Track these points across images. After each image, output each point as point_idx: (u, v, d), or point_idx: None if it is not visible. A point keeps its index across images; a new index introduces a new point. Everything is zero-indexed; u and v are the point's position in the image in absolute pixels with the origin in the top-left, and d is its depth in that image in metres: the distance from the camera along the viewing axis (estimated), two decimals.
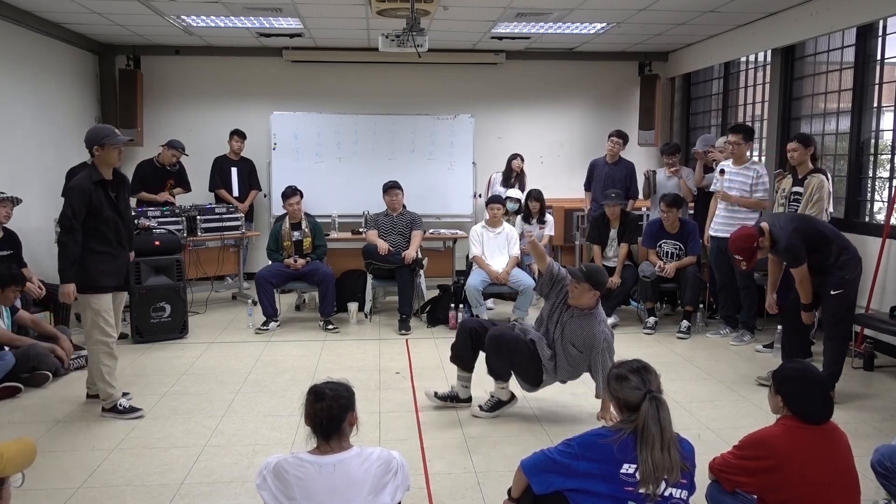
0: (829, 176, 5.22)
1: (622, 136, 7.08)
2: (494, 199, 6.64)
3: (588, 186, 7.36)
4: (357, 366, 5.20)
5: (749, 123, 7.46)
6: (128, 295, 4.62)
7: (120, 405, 4.15)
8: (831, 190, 5.22)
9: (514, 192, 7.26)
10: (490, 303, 7.14)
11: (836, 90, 6.17)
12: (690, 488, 2.25)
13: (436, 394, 4.32)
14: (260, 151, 8.22)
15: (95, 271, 4.05)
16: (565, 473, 2.24)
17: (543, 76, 8.81)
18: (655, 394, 2.23)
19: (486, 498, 3.16)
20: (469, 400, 4.30)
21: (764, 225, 4.39)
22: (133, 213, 6.27)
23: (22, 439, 1.89)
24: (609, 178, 7.07)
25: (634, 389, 2.24)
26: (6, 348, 4.64)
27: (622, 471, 2.18)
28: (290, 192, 6.51)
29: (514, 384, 4.17)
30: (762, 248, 4.34)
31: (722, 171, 5.76)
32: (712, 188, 6.01)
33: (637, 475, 2.17)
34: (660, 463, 2.15)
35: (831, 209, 5.25)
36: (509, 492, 2.54)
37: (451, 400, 4.29)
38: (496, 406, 4.18)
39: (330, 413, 2.26)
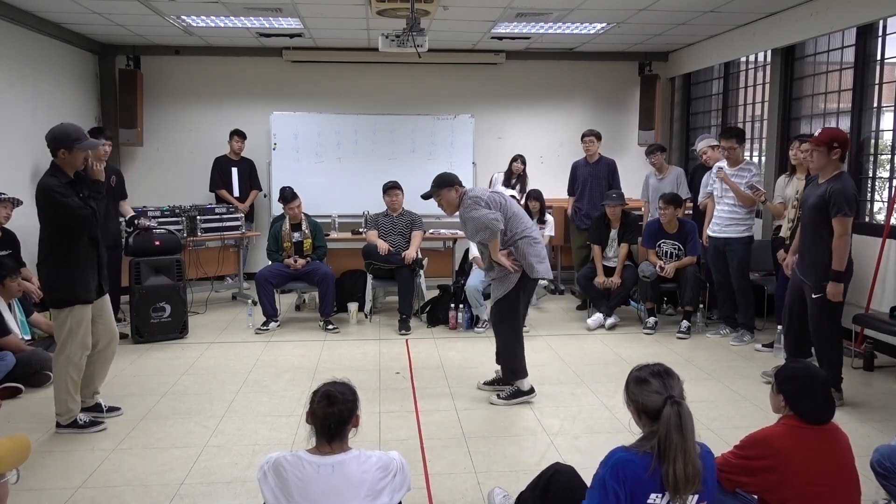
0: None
1: (595, 134, 7.08)
2: None
3: (571, 190, 7.36)
4: (357, 366, 5.19)
5: (749, 123, 7.47)
6: (112, 295, 4.38)
7: (79, 420, 3.94)
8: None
9: (510, 192, 7.24)
10: None
11: (836, 90, 6.16)
12: (710, 495, 2.18)
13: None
14: (260, 151, 8.22)
15: (73, 282, 3.81)
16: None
17: (543, 76, 8.81)
18: (677, 399, 2.11)
19: (486, 498, 3.16)
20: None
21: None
22: (133, 213, 6.27)
23: (15, 437, 1.88)
24: (593, 177, 7.06)
25: (654, 394, 2.13)
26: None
27: (648, 501, 2.08)
28: (291, 196, 6.48)
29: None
30: (837, 150, 4.07)
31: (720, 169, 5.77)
32: (708, 189, 6.02)
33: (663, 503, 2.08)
34: (683, 477, 2.03)
35: None
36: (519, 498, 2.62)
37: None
38: (515, 395, 4.40)
39: (340, 418, 2.28)
